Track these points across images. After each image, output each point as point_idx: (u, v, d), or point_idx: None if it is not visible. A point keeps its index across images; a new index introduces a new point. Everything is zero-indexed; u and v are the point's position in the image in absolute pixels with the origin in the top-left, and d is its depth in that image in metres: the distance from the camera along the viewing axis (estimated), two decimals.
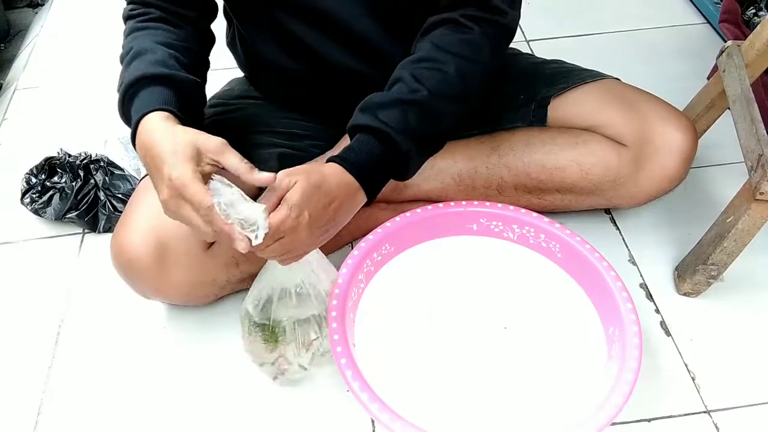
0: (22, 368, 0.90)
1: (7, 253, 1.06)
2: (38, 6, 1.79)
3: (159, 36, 0.77)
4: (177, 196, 0.64)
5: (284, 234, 0.65)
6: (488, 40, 0.78)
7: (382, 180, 0.75)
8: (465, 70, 0.77)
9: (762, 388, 0.84)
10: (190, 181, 0.63)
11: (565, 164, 0.91)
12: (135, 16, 0.80)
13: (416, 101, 0.74)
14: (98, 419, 0.84)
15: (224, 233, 0.63)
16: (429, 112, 0.75)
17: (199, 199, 0.62)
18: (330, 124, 0.92)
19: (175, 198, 0.64)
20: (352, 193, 0.72)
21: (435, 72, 0.75)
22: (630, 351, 0.74)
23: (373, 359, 0.79)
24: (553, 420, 0.74)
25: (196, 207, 0.63)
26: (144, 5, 0.80)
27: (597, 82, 0.94)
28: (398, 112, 0.73)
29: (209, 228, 0.64)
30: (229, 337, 0.91)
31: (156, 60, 0.74)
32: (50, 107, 1.34)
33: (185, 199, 0.63)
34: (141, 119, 0.70)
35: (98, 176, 1.08)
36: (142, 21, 0.79)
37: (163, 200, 0.65)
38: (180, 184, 0.63)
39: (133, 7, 0.81)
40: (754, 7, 1.26)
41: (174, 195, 0.64)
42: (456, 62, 0.76)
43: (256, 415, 0.83)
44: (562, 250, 0.87)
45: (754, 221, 0.82)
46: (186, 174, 0.63)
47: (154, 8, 0.80)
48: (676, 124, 0.89)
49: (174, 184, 0.63)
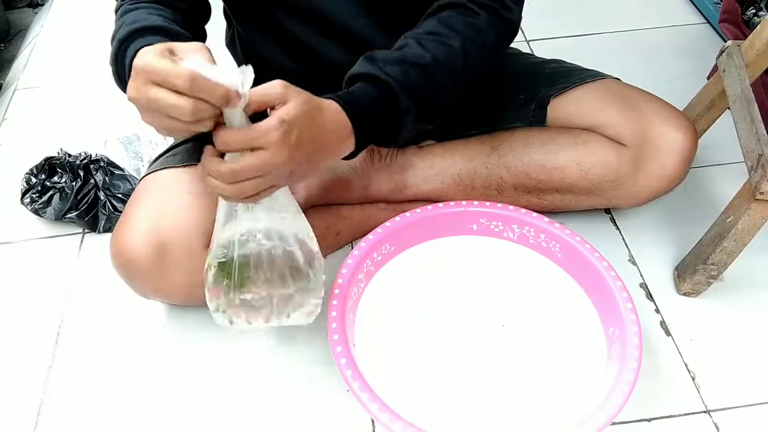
0: (22, 368, 0.90)
1: (7, 253, 1.06)
2: (38, 6, 1.79)
3: (153, 12, 0.74)
4: (143, 80, 0.58)
5: (267, 146, 0.60)
6: (493, 28, 0.78)
7: (373, 133, 0.72)
8: (469, 50, 0.76)
9: (762, 388, 0.84)
10: (155, 60, 0.57)
11: (564, 164, 0.91)
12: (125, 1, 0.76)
13: (420, 64, 0.73)
14: (98, 419, 0.84)
15: (207, 91, 0.56)
16: (431, 79, 0.74)
17: (166, 67, 0.56)
18: None
19: (141, 84, 0.58)
20: (343, 137, 0.69)
21: (440, 44, 0.74)
22: (630, 351, 0.74)
23: (373, 359, 0.79)
24: (553, 420, 0.74)
25: (165, 76, 0.56)
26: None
27: (597, 81, 0.94)
28: (401, 70, 0.71)
29: (185, 100, 0.56)
30: (229, 337, 0.91)
31: (152, 19, 0.71)
32: (50, 107, 1.34)
33: (152, 80, 0.57)
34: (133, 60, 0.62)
35: (98, 176, 1.08)
36: (134, 3, 0.75)
37: (131, 96, 0.59)
38: (144, 64, 0.57)
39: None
40: (754, 7, 1.26)
41: (140, 82, 0.58)
42: (461, 40, 0.75)
43: (256, 414, 0.83)
44: (562, 250, 0.87)
45: (754, 221, 0.82)
46: (152, 59, 0.58)
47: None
48: (676, 124, 0.89)
49: (139, 70, 0.58)
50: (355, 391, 0.70)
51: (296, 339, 0.90)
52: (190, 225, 0.81)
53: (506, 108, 0.95)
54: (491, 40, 0.78)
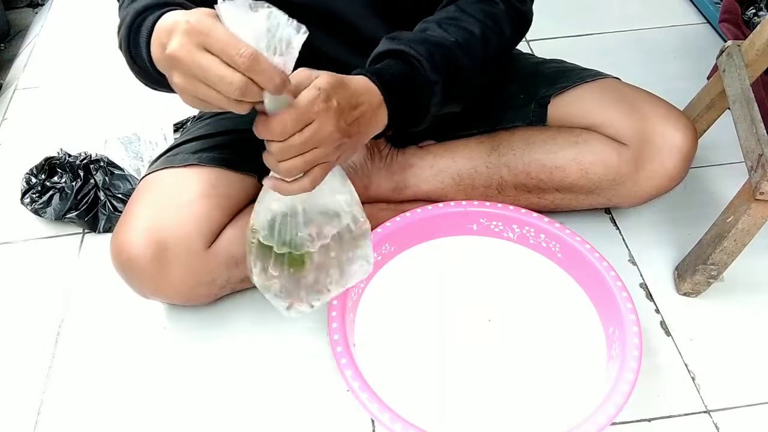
0: (22, 368, 0.90)
1: (7, 253, 1.06)
2: (38, 6, 1.79)
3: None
4: (194, 42, 0.53)
5: (314, 117, 0.59)
6: (509, 19, 0.79)
7: (403, 108, 0.71)
8: (489, 37, 0.77)
9: (762, 388, 0.84)
10: (211, 23, 0.53)
11: (565, 163, 0.91)
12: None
13: (444, 45, 0.73)
14: (98, 419, 0.84)
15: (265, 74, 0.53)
16: (454, 60, 0.74)
17: (226, 35, 0.52)
18: None
19: (190, 45, 0.53)
20: (376, 105, 0.68)
21: (461, 29, 0.75)
22: (630, 351, 0.74)
23: (373, 359, 0.79)
24: (553, 420, 0.74)
25: (224, 45, 0.52)
26: None
27: (597, 81, 0.94)
28: (427, 49, 0.72)
29: (238, 76, 0.53)
30: (229, 337, 0.91)
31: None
32: (50, 107, 1.34)
33: (204, 44, 0.53)
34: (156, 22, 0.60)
35: (98, 176, 1.08)
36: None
37: (173, 53, 0.54)
38: (198, 24, 0.53)
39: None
40: (754, 7, 1.26)
41: (189, 42, 0.53)
42: (480, 27, 0.77)
43: (256, 414, 0.83)
44: (562, 250, 0.87)
45: (754, 221, 0.82)
46: (206, 16, 0.54)
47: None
48: (676, 123, 0.89)
49: (189, 28, 0.53)
50: (355, 391, 0.70)
51: (296, 339, 0.90)
52: (190, 225, 0.81)
53: (506, 107, 0.95)
54: (508, 30, 0.80)
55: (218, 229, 0.84)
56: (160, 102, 1.27)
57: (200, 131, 0.92)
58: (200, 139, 0.90)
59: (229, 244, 0.84)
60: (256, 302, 0.94)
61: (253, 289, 0.94)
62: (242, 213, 0.87)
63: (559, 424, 0.73)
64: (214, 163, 0.85)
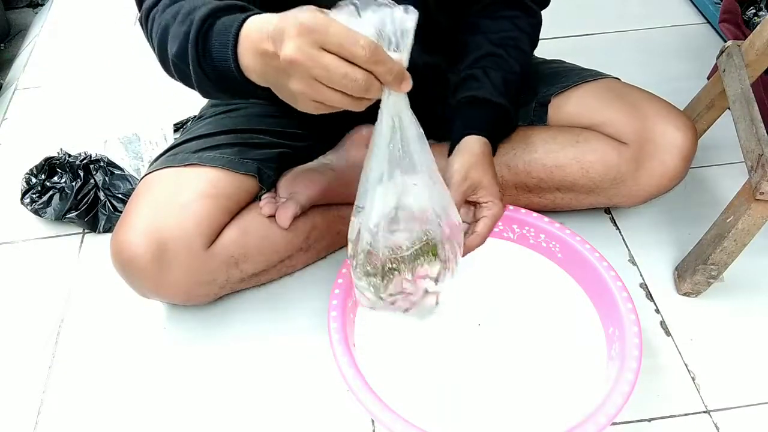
0: (22, 368, 0.90)
1: (7, 253, 1.06)
2: (38, 6, 1.79)
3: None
4: (311, 42, 0.52)
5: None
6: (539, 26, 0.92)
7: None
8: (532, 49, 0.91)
9: (762, 388, 0.84)
10: (325, 20, 0.52)
11: (565, 162, 0.91)
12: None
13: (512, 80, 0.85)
14: (98, 419, 0.84)
15: (385, 64, 0.53)
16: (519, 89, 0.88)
17: (343, 30, 0.51)
18: (331, 124, 0.92)
19: (308, 46, 0.52)
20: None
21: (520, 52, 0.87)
22: (630, 351, 0.74)
23: (373, 359, 0.79)
24: (553, 420, 0.74)
25: (342, 41, 0.51)
26: None
27: (597, 81, 0.94)
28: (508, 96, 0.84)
29: (360, 72, 0.52)
30: (229, 337, 0.91)
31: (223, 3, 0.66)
32: (50, 107, 1.34)
33: (323, 43, 0.52)
34: (240, 28, 0.60)
35: (98, 176, 1.08)
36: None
37: (291, 58, 0.53)
38: (313, 23, 0.52)
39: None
40: (754, 7, 1.26)
41: (307, 42, 0.52)
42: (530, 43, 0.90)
43: (256, 414, 0.83)
44: (562, 250, 0.87)
45: (754, 221, 0.82)
46: (318, 14, 0.52)
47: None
48: (676, 122, 0.89)
49: (304, 28, 0.52)
50: (355, 391, 0.70)
51: (296, 339, 0.90)
52: (190, 225, 0.81)
53: None
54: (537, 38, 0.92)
55: (218, 229, 0.84)
56: (160, 102, 1.27)
57: (201, 130, 0.92)
58: (201, 139, 0.90)
59: (229, 244, 0.84)
60: (256, 302, 0.94)
61: (253, 289, 0.95)
62: (242, 213, 0.87)
63: (559, 424, 0.73)
64: (214, 163, 0.85)
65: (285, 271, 0.95)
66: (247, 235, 0.86)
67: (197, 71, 0.66)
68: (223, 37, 0.62)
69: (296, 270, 0.97)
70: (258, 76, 0.61)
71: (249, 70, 0.61)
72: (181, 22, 0.66)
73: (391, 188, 0.64)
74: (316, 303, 0.93)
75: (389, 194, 0.65)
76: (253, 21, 0.59)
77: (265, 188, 0.90)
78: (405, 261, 0.69)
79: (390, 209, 0.66)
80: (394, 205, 0.66)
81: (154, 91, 1.31)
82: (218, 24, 0.63)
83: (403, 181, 0.64)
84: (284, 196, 0.90)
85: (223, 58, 0.62)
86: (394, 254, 0.68)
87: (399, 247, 0.68)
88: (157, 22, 0.70)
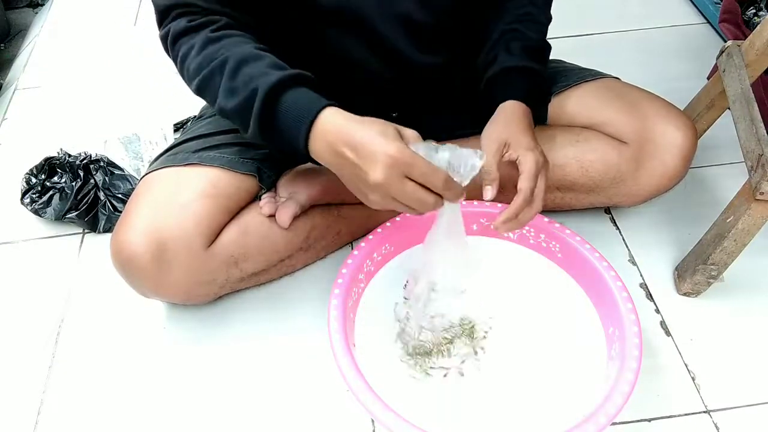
0: (22, 368, 0.90)
1: (7, 253, 1.06)
2: (38, 6, 1.79)
3: (248, 40, 0.75)
4: (398, 172, 0.64)
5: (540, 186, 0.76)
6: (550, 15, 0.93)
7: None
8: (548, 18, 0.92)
9: (762, 388, 0.84)
10: (409, 154, 0.63)
11: (565, 162, 0.91)
12: (199, 27, 0.75)
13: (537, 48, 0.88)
14: (98, 419, 0.84)
15: (453, 191, 0.66)
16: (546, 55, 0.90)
17: (426, 165, 0.64)
18: None
19: (396, 176, 0.64)
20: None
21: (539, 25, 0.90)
22: (630, 351, 0.74)
23: (373, 359, 0.79)
24: (553, 420, 0.74)
25: (424, 174, 0.64)
26: (204, 13, 0.76)
27: (597, 80, 0.94)
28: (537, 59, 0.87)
29: (432, 197, 0.65)
30: (229, 337, 0.91)
31: (274, 63, 0.72)
32: (50, 107, 1.34)
33: (408, 173, 0.64)
34: (315, 119, 0.68)
35: (98, 176, 1.08)
36: (216, 30, 0.75)
37: (380, 182, 0.64)
38: (401, 156, 0.63)
39: (191, 19, 0.75)
40: (754, 7, 1.26)
41: (395, 173, 0.63)
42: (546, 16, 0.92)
43: (256, 414, 0.83)
44: (562, 250, 0.87)
45: (754, 221, 0.82)
46: (404, 148, 0.64)
47: (219, 15, 0.76)
48: (676, 122, 0.89)
49: (394, 160, 0.63)
50: (355, 392, 0.70)
51: (296, 339, 0.90)
52: (190, 224, 0.81)
53: None
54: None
55: (218, 229, 0.84)
56: (160, 102, 1.27)
57: (201, 130, 0.92)
58: (201, 138, 0.90)
59: (229, 243, 0.84)
60: (256, 302, 0.94)
61: (253, 289, 0.95)
62: (242, 212, 0.87)
63: (559, 424, 0.73)
64: (214, 163, 0.85)
65: (285, 271, 0.95)
66: (247, 235, 0.86)
67: (255, 135, 0.72)
68: (295, 122, 0.69)
69: (296, 270, 0.97)
70: (325, 164, 0.70)
71: (317, 155, 0.70)
72: (231, 77, 0.72)
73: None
74: (316, 303, 0.93)
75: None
76: (332, 119, 0.68)
77: (265, 188, 0.90)
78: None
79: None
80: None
81: (154, 91, 1.31)
82: (288, 101, 0.70)
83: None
84: (284, 195, 0.90)
85: (292, 137, 0.70)
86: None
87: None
88: (193, 60, 0.75)
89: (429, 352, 0.80)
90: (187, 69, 0.76)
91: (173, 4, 0.76)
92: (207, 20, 0.76)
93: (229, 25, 0.76)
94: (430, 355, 0.80)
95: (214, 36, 0.74)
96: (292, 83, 0.71)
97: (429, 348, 0.80)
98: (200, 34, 0.75)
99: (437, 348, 0.80)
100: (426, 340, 0.80)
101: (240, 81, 0.71)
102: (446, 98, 0.96)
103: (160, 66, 1.36)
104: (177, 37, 0.76)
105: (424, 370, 0.79)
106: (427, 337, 0.80)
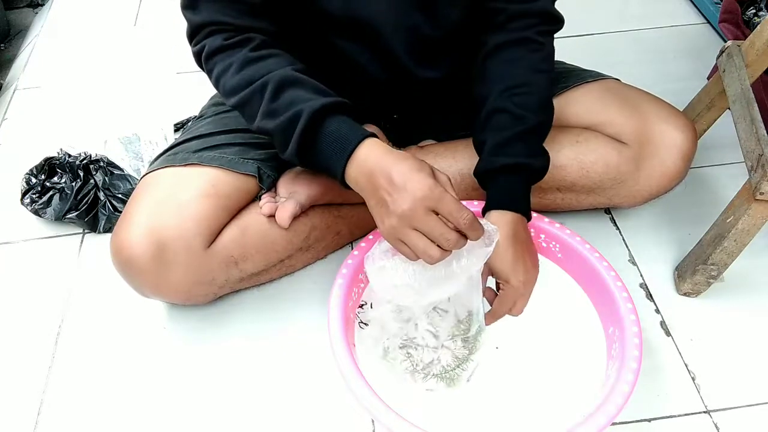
0: (22, 368, 0.90)
1: (7, 253, 1.06)
2: (38, 6, 1.79)
3: (286, 62, 0.77)
4: (426, 207, 0.65)
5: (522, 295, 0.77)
6: (552, 47, 0.88)
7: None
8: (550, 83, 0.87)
9: (762, 388, 0.84)
10: (439, 191, 0.65)
11: (565, 162, 0.91)
12: (236, 45, 0.77)
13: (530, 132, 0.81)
14: (98, 419, 0.84)
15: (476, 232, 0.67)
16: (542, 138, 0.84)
17: (454, 203, 0.66)
18: None
19: (422, 208, 0.65)
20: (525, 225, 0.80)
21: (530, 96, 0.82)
22: (630, 351, 0.74)
23: (373, 359, 0.79)
24: (553, 420, 0.74)
25: (451, 212, 0.65)
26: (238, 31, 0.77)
27: (597, 81, 0.94)
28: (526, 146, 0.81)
29: (456, 235, 0.66)
30: (229, 337, 0.91)
31: (316, 87, 0.75)
32: (50, 107, 1.34)
33: (435, 209, 0.66)
34: (356, 148, 0.71)
35: (98, 176, 1.07)
36: (254, 49, 0.77)
37: (405, 210, 0.66)
38: (430, 192, 0.65)
39: (227, 36, 0.77)
40: (754, 7, 1.26)
41: (423, 204, 0.65)
42: (547, 84, 0.85)
43: (256, 415, 0.83)
44: (562, 250, 0.87)
45: (754, 221, 0.82)
46: (437, 185, 0.66)
47: (254, 32, 0.78)
48: (676, 123, 0.89)
49: (423, 196, 0.65)
50: (355, 392, 0.70)
51: (296, 339, 0.90)
52: (190, 224, 0.81)
53: None
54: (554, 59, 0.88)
55: (218, 229, 0.84)
56: (160, 102, 1.27)
57: (201, 130, 0.92)
58: (201, 138, 0.90)
59: (228, 243, 0.84)
60: (256, 302, 0.94)
61: (253, 289, 0.95)
62: (242, 212, 0.87)
63: (559, 424, 0.73)
64: (214, 163, 0.85)
65: (285, 271, 0.95)
66: (246, 235, 0.86)
67: (293, 154, 0.74)
68: (337, 148, 0.72)
69: (296, 270, 0.97)
70: (358, 189, 0.72)
71: (351, 181, 0.72)
72: (272, 99, 0.74)
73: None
74: (316, 303, 0.93)
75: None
76: (371, 150, 0.70)
77: (265, 188, 0.90)
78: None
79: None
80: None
81: (154, 91, 1.31)
82: (331, 127, 0.72)
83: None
84: (284, 195, 0.90)
85: (332, 161, 0.72)
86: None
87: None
88: (231, 78, 0.77)
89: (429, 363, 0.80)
90: (223, 86, 0.78)
91: (206, 22, 0.78)
92: (243, 38, 0.78)
93: (265, 43, 0.78)
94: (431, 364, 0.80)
95: (253, 56, 0.76)
96: (336, 110, 0.73)
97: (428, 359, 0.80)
98: (237, 53, 0.77)
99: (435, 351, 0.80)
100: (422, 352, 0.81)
101: (282, 103, 0.74)
102: (446, 102, 0.96)
103: (160, 66, 1.36)
104: (212, 54, 0.78)
105: (424, 370, 0.79)
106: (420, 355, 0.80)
